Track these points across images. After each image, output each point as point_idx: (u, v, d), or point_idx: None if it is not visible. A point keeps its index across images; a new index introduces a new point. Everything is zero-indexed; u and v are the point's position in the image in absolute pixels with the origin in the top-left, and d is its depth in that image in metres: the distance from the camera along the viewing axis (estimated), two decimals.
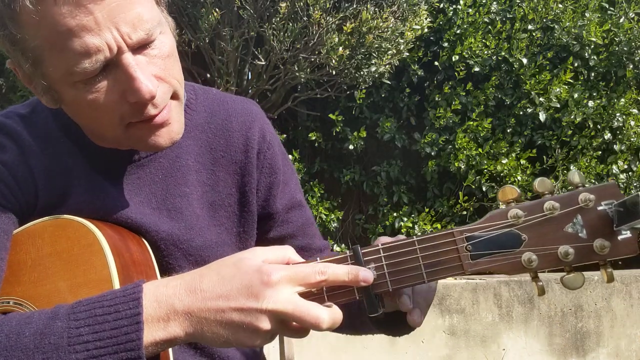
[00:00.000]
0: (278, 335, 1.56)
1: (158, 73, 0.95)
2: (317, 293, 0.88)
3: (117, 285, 0.95)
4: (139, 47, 0.92)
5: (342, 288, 0.88)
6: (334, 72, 3.88)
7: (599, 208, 0.86)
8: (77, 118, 1.02)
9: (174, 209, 1.11)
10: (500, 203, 0.91)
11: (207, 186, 1.15)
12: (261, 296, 0.80)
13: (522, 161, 4.40)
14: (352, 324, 1.15)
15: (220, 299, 0.80)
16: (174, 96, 1.00)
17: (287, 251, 0.88)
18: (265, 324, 0.80)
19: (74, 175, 1.08)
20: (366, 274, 0.86)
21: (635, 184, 4.57)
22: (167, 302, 0.80)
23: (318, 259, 0.90)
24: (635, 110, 4.61)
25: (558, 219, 0.87)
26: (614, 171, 4.53)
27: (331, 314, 0.83)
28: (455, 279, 3.87)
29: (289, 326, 0.84)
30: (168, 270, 1.11)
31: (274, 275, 0.81)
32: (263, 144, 1.20)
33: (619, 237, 0.86)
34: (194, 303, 0.80)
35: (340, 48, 3.68)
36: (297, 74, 3.84)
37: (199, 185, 1.14)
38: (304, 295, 0.84)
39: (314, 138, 4.48)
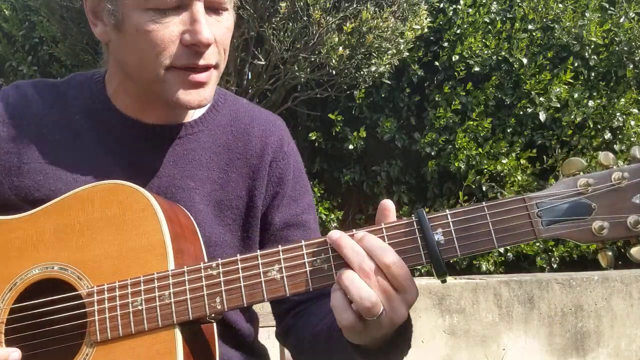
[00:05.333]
0: None
1: (216, 37, 1.05)
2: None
3: (170, 251, 0.96)
4: (210, 9, 1.04)
5: (409, 252, 0.89)
6: (334, 72, 3.88)
7: None
8: (126, 50, 1.07)
9: (172, 199, 1.12)
10: (564, 175, 0.90)
11: (217, 185, 1.17)
12: None
13: (522, 161, 4.40)
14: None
15: None
16: (216, 66, 1.08)
17: None
18: None
19: (80, 153, 1.12)
20: None
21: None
22: None
23: (383, 223, 0.91)
24: (635, 110, 4.61)
25: (626, 189, 0.87)
26: None
27: None
28: (455, 277, 3.87)
29: None
30: None
31: None
32: (279, 153, 1.22)
33: None
34: None
35: (340, 48, 3.68)
36: (297, 73, 3.84)
37: (208, 183, 1.16)
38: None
39: (314, 138, 4.48)
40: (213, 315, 0.95)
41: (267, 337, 1.63)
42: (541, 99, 4.42)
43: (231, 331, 1.17)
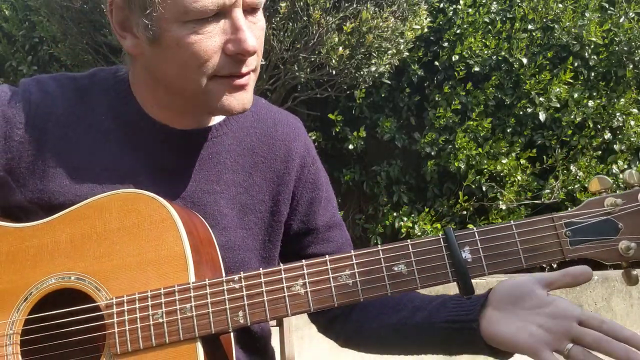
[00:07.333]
0: (279, 335, 1.56)
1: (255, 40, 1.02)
2: (409, 274, 0.89)
3: (190, 263, 0.95)
4: (247, 11, 1.00)
5: (435, 270, 0.90)
6: (334, 72, 3.88)
7: None
8: (166, 63, 1.03)
9: (199, 204, 1.11)
10: (592, 193, 0.91)
11: (242, 188, 1.16)
12: None
13: (522, 161, 4.40)
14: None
15: None
16: (255, 69, 1.06)
17: None
18: None
19: (106, 156, 1.09)
20: None
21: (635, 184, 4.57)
22: None
23: (409, 240, 0.91)
24: (635, 110, 4.61)
25: None
26: (614, 171, 4.53)
27: None
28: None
29: None
30: None
31: None
32: (307, 159, 1.22)
33: None
34: None
35: (340, 48, 3.68)
36: (297, 73, 3.84)
37: (232, 186, 1.15)
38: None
39: (313, 138, 4.47)
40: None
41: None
42: (541, 99, 4.42)
43: (246, 335, 1.16)
